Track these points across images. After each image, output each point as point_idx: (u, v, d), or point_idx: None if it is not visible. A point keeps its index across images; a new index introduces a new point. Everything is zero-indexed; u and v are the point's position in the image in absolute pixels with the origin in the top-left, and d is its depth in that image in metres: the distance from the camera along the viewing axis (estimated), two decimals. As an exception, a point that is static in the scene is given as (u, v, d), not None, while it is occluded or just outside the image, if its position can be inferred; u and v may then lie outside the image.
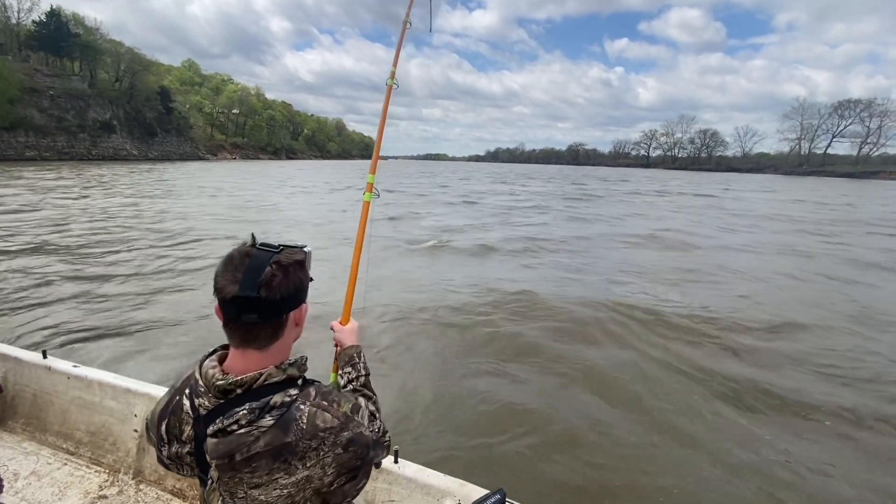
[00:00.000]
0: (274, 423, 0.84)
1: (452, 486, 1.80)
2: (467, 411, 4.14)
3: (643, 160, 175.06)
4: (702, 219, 19.61)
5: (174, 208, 17.18)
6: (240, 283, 0.82)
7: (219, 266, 0.86)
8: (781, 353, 5.53)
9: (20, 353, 2.80)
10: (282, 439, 0.83)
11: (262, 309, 0.84)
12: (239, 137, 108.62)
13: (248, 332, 0.86)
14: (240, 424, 0.83)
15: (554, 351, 5.39)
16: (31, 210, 15.09)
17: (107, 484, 2.41)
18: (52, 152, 54.82)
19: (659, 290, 8.05)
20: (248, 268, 0.83)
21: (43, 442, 2.67)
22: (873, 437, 3.95)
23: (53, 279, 7.53)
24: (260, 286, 0.82)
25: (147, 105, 74.75)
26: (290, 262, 0.87)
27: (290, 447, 0.83)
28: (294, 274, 0.88)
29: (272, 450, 0.83)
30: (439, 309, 6.62)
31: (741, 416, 4.18)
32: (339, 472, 0.87)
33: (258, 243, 0.88)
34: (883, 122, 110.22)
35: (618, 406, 4.30)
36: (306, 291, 0.94)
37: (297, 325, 0.95)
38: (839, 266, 10.85)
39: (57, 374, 2.64)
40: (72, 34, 63.61)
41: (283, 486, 0.84)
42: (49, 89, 57.50)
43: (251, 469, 0.83)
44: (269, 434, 0.83)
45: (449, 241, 12.29)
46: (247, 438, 0.83)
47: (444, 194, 29.21)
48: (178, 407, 0.94)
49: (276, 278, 0.84)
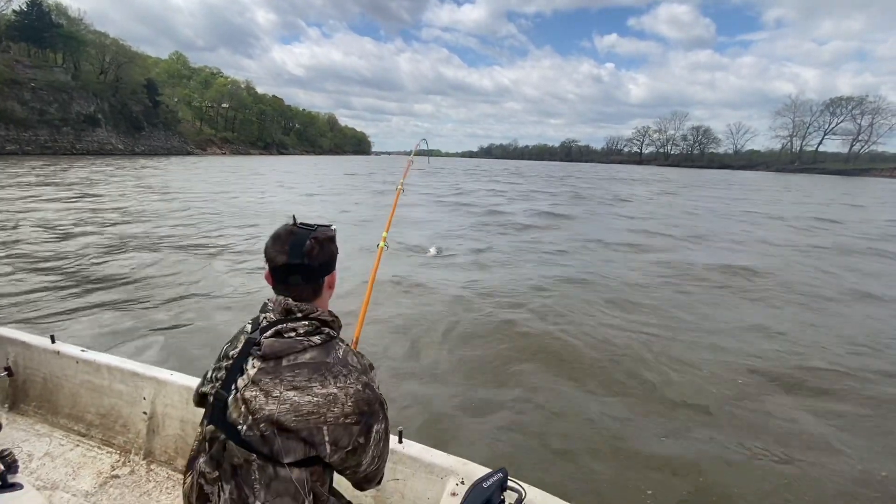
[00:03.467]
0: (320, 343, 1.04)
1: (455, 464, 1.82)
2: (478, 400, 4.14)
3: (636, 157, 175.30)
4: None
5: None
6: (287, 253, 1.05)
7: (268, 241, 1.09)
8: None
9: (29, 338, 2.84)
10: (323, 357, 1.02)
11: (305, 273, 1.07)
12: (228, 132, 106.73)
13: (295, 290, 1.09)
14: (297, 332, 1.03)
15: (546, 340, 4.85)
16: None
17: (119, 464, 2.49)
18: (34, 146, 53.23)
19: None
20: (293, 242, 1.06)
21: (55, 424, 2.74)
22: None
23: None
24: (304, 255, 1.05)
25: (133, 98, 72.98)
26: (325, 237, 1.10)
27: (328, 366, 1.01)
28: (328, 246, 1.11)
29: (314, 363, 1.01)
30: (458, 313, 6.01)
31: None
32: (354, 409, 1.00)
33: (298, 223, 1.11)
34: (874, 119, 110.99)
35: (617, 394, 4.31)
36: (336, 260, 1.16)
37: (330, 287, 1.18)
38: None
39: (66, 359, 2.69)
40: (54, 24, 61.81)
41: (315, 394, 0.97)
42: (30, 81, 55.75)
43: (294, 374, 0.99)
44: (315, 350, 1.03)
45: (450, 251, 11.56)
46: (297, 345, 1.01)
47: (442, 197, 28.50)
48: (240, 332, 1.13)
49: (315, 249, 1.07)
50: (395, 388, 4.28)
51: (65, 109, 58.87)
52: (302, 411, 0.95)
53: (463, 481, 1.75)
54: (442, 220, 15.60)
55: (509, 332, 5.70)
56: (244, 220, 13.99)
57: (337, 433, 0.98)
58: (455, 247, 11.02)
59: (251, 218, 14.39)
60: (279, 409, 0.95)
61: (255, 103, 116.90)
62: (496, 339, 5.49)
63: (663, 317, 6.44)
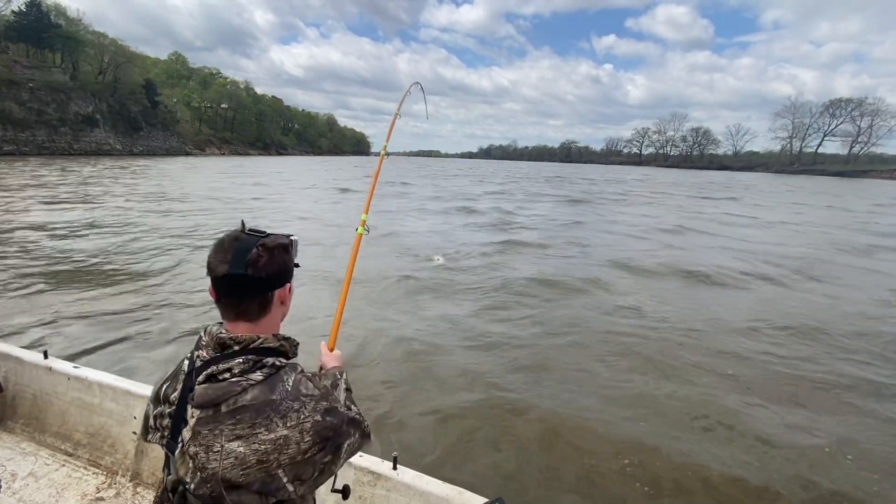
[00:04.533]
0: (263, 379, 0.90)
1: (451, 493, 1.77)
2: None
3: (635, 158, 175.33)
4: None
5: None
6: (230, 262, 0.92)
7: (211, 249, 0.95)
8: None
9: (21, 353, 2.78)
10: (267, 395, 0.89)
11: (249, 285, 0.93)
12: (228, 132, 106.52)
13: (238, 306, 0.96)
14: (232, 373, 0.89)
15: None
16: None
17: (104, 486, 2.41)
18: (31, 146, 53.01)
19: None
20: (238, 249, 0.93)
21: (42, 443, 2.66)
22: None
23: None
24: (248, 265, 0.92)
25: (132, 98, 72.73)
26: (274, 245, 0.97)
27: (274, 404, 0.88)
28: (278, 256, 0.97)
29: (257, 404, 0.87)
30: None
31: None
32: (315, 441, 0.89)
33: (247, 229, 0.99)
34: (874, 121, 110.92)
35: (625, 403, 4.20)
36: (291, 273, 1.03)
37: (283, 303, 1.03)
38: None
39: (57, 375, 2.63)
40: (53, 25, 61.63)
41: (262, 441, 0.86)
42: (28, 81, 55.55)
43: (235, 421, 0.86)
44: (257, 388, 0.89)
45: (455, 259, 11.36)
46: (235, 388, 0.87)
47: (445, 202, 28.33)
48: (178, 370, 1.00)
49: (262, 258, 0.93)
50: (391, 403, 4.18)
51: (63, 110, 58.64)
52: (249, 463, 0.84)
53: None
54: (449, 230, 15.46)
55: (508, 345, 5.56)
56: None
57: (297, 470, 0.88)
58: (462, 257, 10.52)
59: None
60: (223, 466, 0.84)
61: (255, 104, 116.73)
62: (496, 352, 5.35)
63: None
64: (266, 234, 0.98)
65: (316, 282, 7.76)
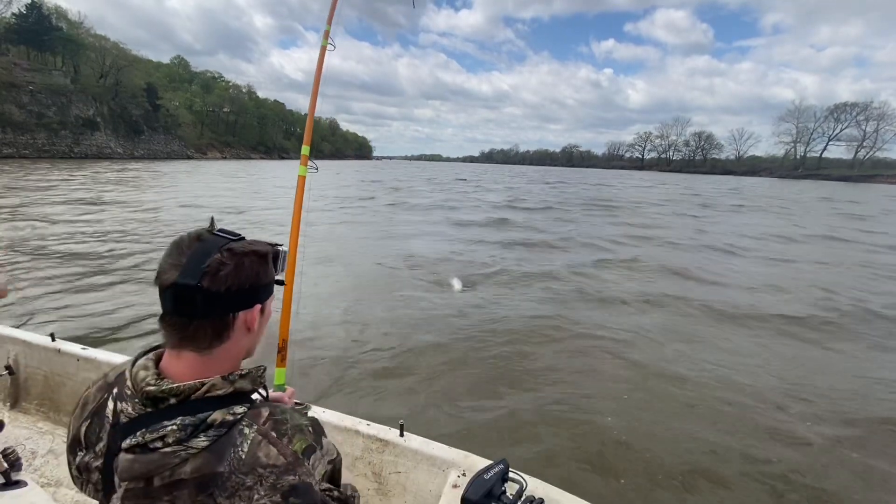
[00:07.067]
0: (208, 445, 0.67)
1: (457, 457, 1.82)
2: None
3: (637, 162, 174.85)
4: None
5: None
6: (181, 267, 0.68)
7: (166, 249, 0.72)
8: None
9: (29, 337, 2.81)
10: (213, 468, 0.66)
11: (202, 302, 0.69)
12: (229, 136, 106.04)
13: (185, 329, 0.71)
14: (165, 442, 0.66)
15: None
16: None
17: None
18: (31, 150, 52.46)
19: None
20: (195, 252, 0.69)
21: (57, 422, 2.71)
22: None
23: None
24: (203, 274, 0.68)
25: (133, 102, 72.34)
26: (245, 251, 0.73)
27: (221, 479, 0.66)
28: (249, 267, 0.73)
29: (199, 478, 0.66)
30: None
31: None
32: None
33: (216, 229, 0.75)
34: (879, 125, 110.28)
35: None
36: (266, 291, 0.78)
37: (250, 330, 0.77)
38: None
39: (67, 357, 2.66)
40: (54, 28, 61.28)
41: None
42: (29, 84, 55.03)
43: (171, 498, 0.66)
44: (200, 458, 0.66)
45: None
46: (171, 460, 0.66)
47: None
48: (102, 406, 0.75)
49: (224, 267, 0.69)
50: (398, 381, 4.19)
51: (63, 113, 58.06)
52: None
53: (464, 473, 1.74)
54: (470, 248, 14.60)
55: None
56: (261, 224, 13.06)
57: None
58: (482, 279, 8.31)
59: (270, 227, 13.43)
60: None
61: (257, 107, 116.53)
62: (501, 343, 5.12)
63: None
64: (239, 238, 0.74)
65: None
